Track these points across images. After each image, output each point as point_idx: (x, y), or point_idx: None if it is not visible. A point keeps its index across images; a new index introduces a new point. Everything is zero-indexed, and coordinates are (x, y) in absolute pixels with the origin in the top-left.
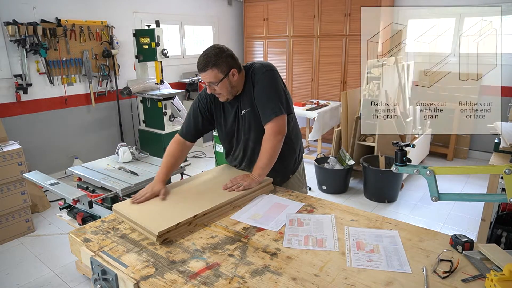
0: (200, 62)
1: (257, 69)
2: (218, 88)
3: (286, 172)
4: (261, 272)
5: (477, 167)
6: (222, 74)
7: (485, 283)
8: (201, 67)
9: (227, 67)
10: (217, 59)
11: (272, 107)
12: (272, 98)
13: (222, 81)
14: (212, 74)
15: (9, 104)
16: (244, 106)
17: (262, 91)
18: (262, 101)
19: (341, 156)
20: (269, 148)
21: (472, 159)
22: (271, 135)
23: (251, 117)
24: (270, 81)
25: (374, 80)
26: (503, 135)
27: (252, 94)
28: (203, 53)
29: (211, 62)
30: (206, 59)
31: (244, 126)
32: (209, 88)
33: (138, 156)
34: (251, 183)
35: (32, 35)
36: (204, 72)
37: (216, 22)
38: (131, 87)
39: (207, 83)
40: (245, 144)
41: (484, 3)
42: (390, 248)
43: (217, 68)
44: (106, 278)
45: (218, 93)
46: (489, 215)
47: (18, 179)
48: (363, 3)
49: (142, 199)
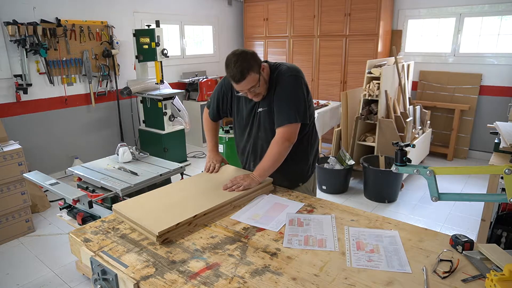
0: (235, 74)
1: (282, 71)
2: (258, 89)
3: (295, 178)
4: (261, 272)
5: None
6: (257, 74)
7: (485, 283)
8: (239, 77)
9: (258, 66)
10: (249, 62)
11: (287, 113)
12: (289, 104)
13: (259, 82)
14: (251, 79)
15: (9, 104)
16: (262, 104)
17: (282, 95)
18: (280, 104)
19: (341, 156)
20: (275, 153)
21: (472, 159)
22: (279, 140)
23: (266, 116)
24: (292, 86)
25: (374, 80)
26: (503, 135)
27: (272, 95)
28: (230, 64)
29: (246, 68)
30: (240, 67)
31: (258, 123)
32: (250, 94)
33: (138, 156)
34: (250, 183)
35: (32, 35)
36: (244, 80)
37: (216, 22)
38: (131, 87)
39: (247, 90)
40: (256, 140)
41: (484, 3)
42: (390, 248)
43: (252, 71)
44: (106, 278)
45: (257, 94)
46: (489, 215)
47: (18, 179)
48: (363, 3)
49: (216, 168)
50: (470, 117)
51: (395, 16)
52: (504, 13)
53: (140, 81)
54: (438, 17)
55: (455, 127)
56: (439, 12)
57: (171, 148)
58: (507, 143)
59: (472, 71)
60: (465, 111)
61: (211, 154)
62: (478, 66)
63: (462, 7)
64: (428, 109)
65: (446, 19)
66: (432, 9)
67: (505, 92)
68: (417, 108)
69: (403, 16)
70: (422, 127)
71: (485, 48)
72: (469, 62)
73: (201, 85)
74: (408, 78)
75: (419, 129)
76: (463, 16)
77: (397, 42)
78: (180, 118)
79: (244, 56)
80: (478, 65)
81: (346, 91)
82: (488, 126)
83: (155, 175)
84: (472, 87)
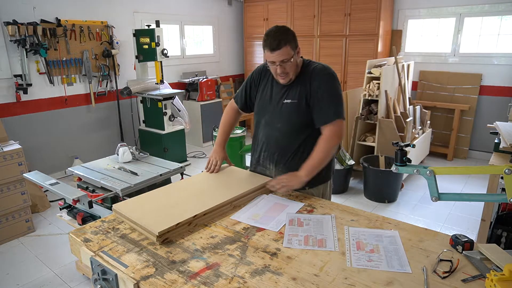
0: (272, 42)
1: (320, 68)
2: (288, 66)
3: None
4: (261, 272)
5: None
6: (293, 50)
7: (485, 283)
8: (275, 45)
9: (295, 45)
10: (288, 36)
11: (336, 108)
12: (335, 101)
13: (292, 59)
14: (286, 51)
15: (9, 104)
16: (291, 96)
17: (328, 91)
18: (326, 100)
19: (341, 156)
20: (325, 150)
21: (472, 159)
22: (329, 137)
23: (293, 109)
24: (336, 84)
25: (374, 80)
26: (503, 135)
27: (306, 89)
28: (270, 33)
29: (284, 39)
30: (279, 36)
31: (280, 114)
32: (280, 68)
33: (138, 156)
34: (295, 185)
35: (32, 35)
36: (279, 50)
37: (216, 22)
38: (131, 87)
39: (278, 62)
40: (272, 130)
41: (484, 3)
42: (390, 248)
43: (289, 44)
44: (106, 278)
45: (286, 73)
46: (489, 215)
47: (18, 179)
48: (363, 3)
49: (217, 168)
50: (470, 117)
51: (395, 16)
52: (504, 13)
53: (140, 81)
54: (438, 17)
55: (455, 127)
56: (439, 12)
57: (171, 148)
58: (507, 143)
59: (472, 71)
60: (465, 111)
61: (217, 149)
62: (478, 66)
63: (462, 7)
64: (428, 109)
65: (446, 19)
66: (432, 9)
67: (505, 92)
68: (417, 108)
69: (403, 16)
70: (422, 127)
71: (485, 48)
72: (469, 62)
73: (201, 85)
74: (408, 78)
75: (419, 129)
76: (463, 16)
77: (397, 42)
78: (180, 118)
79: (285, 30)
80: (478, 65)
81: (346, 91)
82: (488, 126)
83: (155, 175)
84: (472, 87)
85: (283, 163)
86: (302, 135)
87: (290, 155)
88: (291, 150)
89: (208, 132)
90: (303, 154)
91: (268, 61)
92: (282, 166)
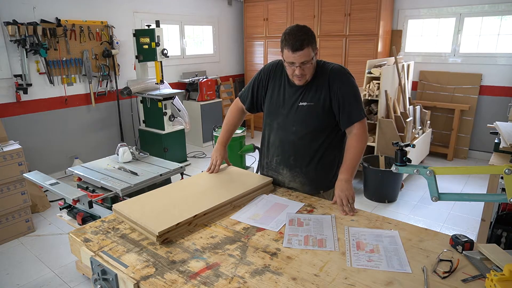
0: (295, 42)
1: (338, 69)
2: (307, 68)
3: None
4: (261, 272)
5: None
6: (313, 52)
7: (485, 283)
8: (298, 46)
9: (316, 45)
10: (310, 37)
11: (361, 108)
12: (358, 101)
13: (311, 61)
14: (308, 53)
15: (9, 104)
16: (307, 98)
17: (350, 91)
18: (350, 100)
19: None
20: (360, 148)
21: (472, 159)
22: (360, 135)
23: (309, 112)
24: (355, 83)
25: (374, 80)
26: (503, 135)
27: (325, 91)
28: (292, 32)
29: (307, 40)
30: (302, 36)
31: (296, 117)
32: (299, 69)
33: (138, 156)
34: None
35: (32, 35)
36: (301, 51)
37: (216, 22)
38: (131, 87)
39: (298, 63)
40: (287, 134)
41: (484, 3)
42: (390, 248)
43: (311, 46)
44: (106, 278)
45: (303, 74)
46: (489, 215)
47: (18, 179)
48: (363, 3)
49: (217, 168)
50: (470, 117)
51: (395, 16)
52: (504, 13)
53: (140, 81)
54: (438, 17)
55: (455, 127)
56: (439, 12)
57: (171, 148)
58: (507, 143)
59: (472, 71)
60: (465, 111)
61: (218, 147)
62: (478, 66)
63: (462, 7)
64: (428, 109)
65: (446, 19)
66: (432, 9)
67: (505, 92)
68: (417, 108)
69: (403, 16)
70: (422, 127)
71: (485, 48)
72: (469, 62)
73: (201, 85)
74: (408, 78)
75: (419, 129)
76: (463, 16)
77: (397, 42)
78: (180, 118)
79: (307, 30)
80: (478, 65)
81: None
82: (488, 126)
83: (155, 175)
84: (472, 87)
85: (299, 167)
86: (319, 138)
87: (308, 160)
88: (308, 154)
89: (208, 132)
90: (321, 159)
91: (286, 61)
92: (298, 171)
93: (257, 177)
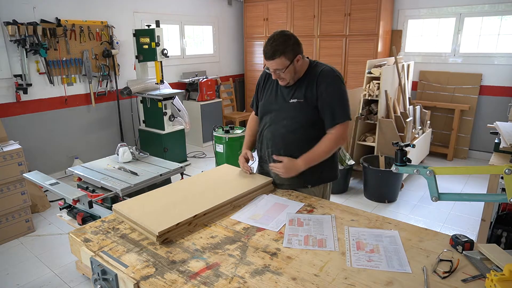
0: (268, 51)
1: (328, 71)
2: (283, 74)
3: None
4: (261, 272)
5: (477, 167)
6: (288, 61)
7: (485, 283)
8: (269, 55)
9: (293, 55)
10: (285, 47)
11: (345, 110)
12: (343, 103)
13: (288, 68)
14: (280, 62)
15: (9, 104)
16: (296, 95)
17: (335, 93)
18: (334, 102)
19: (341, 156)
20: (328, 148)
21: (472, 159)
22: (335, 138)
23: (299, 108)
24: (343, 86)
25: (374, 80)
26: (503, 135)
27: (312, 91)
28: (269, 40)
29: (279, 51)
30: (274, 47)
31: (287, 112)
32: (274, 74)
33: (138, 156)
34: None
35: (32, 35)
36: (272, 60)
37: (216, 22)
38: (131, 87)
39: (272, 70)
40: (278, 127)
41: (484, 3)
42: (390, 248)
43: (284, 56)
44: (106, 278)
45: (282, 78)
46: (489, 215)
47: (18, 179)
48: (363, 3)
49: (249, 169)
50: (470, 117)
51: (395, 16)
52: (504, 13)
53: (140, 81)
54: (438, 17)
55: (455, 127)
56: (439, 12)
57: (171, 148)
58: (507, 143)
59: (472, 71)
60: (465, 111)
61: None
62: (478, 66)
63: (462, 7)
64: (428, 109)
65: (446, 19)
66: (432, 9)
67: (505, 92)
68: (417, 108)
69: (403, 16)
70: (422, 127)
71: (485, 48)
72: (469, 62)
73: (201, 85)
74: (408, 78)
75: (419, 129)
76: (463, 16)
77: (397, 42)
78: (180, 118)
79: (284, 40)
80: (478, 65)
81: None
82: (488, 126)
83: (155, 175)
84: (472, 87)
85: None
86: (308, 133)
87: (297, 153)
88: (297, 147)
89: (208, 132)
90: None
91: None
92: None
93: (257, 177)
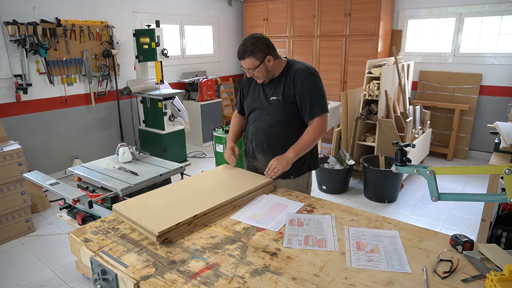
0: (239, 51)
1: (303, 69)
2: (256, 72)
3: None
4: (261, 272)
5: (477, 167)
6: (258, 61)
7: (485, 283)
8: (240, 56)
9: (263, 55)
10: (254, 48)
11: (322, 104)
12: (320, 97)
13: (258, 67)
14: (250, 62)
15: (9, 104)
16: (276, 93)
17: (313, 89)
18: (311, 98)
19: (341, 156)
20: (313, 137)
21: (472, 159)
22: (317, 128)
23: (279, 105)
24: (319, 83)
25: (374, 80)
26: (503, 135)
27: (290, 89)
28: (242, 42)
29: (248, 51)
30: (244, 48)
31: (268, 108)
32: (248, 73)
33: (138, 156)
34: (285, 167)
35: (32, 35)
36: (243, 60)
37: (216, 22)
38: (131, 87)
39: (246, 68)
40: (261, 123)
41: (484, 3)
42: (390, 248)
43: (253, 56)
44: (106, 278)
45: (256, 76)
46: (489, 215)
47: (18, 179)
48: (363, 3)
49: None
50: (470, 117)
51: (395, 16)
52: (504, 13)
53: (140, 81)
54: (438, 17)
55: (455, 127)
56: (439, 12)
57: (171, 148)
58: (507, 143)
59: (472, 71)
60: (465, 111)
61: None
62: (478, 66)
63: (462, 7)
64: (428, 109)
65: (446, 19)
66: (432, 9)
67: (505, 92)
68: (417, 108)
69: (403, 16)
70: (422, 127)
71: (485, 48)
72: (469, 62)
73: (201, 85)
74: (408, 78)
75: (419, 129)
76: (463, 16)
77: (397, 42)
78: (180, 118)
79: (254, 42)
80: (478, 65)
81: (346, 91)
82: (488, 126)
83: (155, 175)
84: (472, 87)
85: (271, 152)
86: (289, 127)
87: (279, 146)
88: (279, 141)
89: (208, 132)
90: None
91: None
92: (271, 156)
93: (257, 177)
